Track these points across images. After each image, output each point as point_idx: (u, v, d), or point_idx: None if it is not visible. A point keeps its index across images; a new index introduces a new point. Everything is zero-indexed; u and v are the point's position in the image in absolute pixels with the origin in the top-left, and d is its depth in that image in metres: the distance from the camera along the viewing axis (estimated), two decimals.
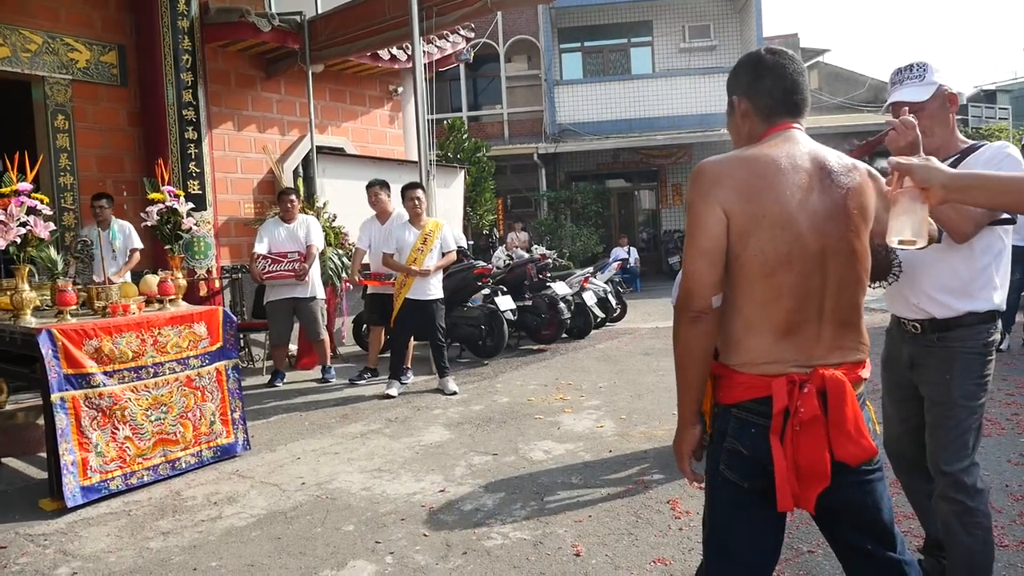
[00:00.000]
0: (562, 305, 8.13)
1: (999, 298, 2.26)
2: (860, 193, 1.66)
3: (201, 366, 4.37)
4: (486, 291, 7.82)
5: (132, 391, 4.02)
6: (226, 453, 4.47)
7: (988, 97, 23.14)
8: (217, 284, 7.74)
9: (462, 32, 10.22)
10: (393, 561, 3.06)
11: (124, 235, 6.67)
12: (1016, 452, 3.94)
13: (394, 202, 6.63)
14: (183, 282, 4.75)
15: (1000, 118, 20.27)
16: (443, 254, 6.29)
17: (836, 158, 1.68)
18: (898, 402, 2.52)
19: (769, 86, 1.71)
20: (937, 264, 2.26)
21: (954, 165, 2.26)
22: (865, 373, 1.70)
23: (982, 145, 2.32)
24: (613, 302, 9.68)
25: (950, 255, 2.23)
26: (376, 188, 6.61)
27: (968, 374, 2.24)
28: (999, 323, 2.30)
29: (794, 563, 2.86)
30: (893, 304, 2.44)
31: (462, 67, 17.01)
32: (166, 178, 4.92)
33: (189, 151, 7.43)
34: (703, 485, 1.77)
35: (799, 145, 1.68)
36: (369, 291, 6.86)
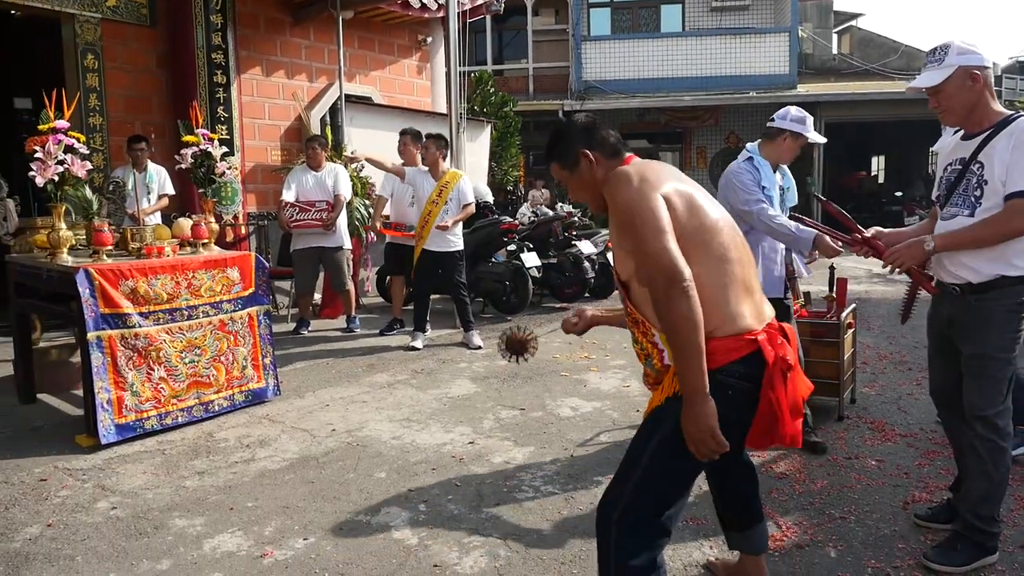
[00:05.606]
0: (587, 264, 8.08)
1: None
2: None
3: (234, 310, 4.39)
4: (511, 247, 7.79)
5: (167, 333, 4.05)
6: (257, 398, 4.52)
7: (1023, 68, 22.39)
8: (243, 231, 7.75)
9: None
10: (426, 509, 3.09)
11: (160, 179, 6.61)
12: None
13: None
14: (216, 226, 4.75)
15: None
16: (463, 206, 6.23)
17: None
18: (941, 354, 2.75)
19: (602, 136, 2.09)
20: None
21: (986, 141, 2.48)
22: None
23: (1017, 117, 2.45)
24: None
25: None
26: (407, 137, 6.54)
27: (1003, 329, 2.48)
28: None
29: (826, 527, 2.87)
30: (936, 271, 2.68)
31: (488, 19, 16.68)
32: (199, 121, 4.89)
33: (218, 95, 7.37)
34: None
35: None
36: (388, 240, 6.85)
